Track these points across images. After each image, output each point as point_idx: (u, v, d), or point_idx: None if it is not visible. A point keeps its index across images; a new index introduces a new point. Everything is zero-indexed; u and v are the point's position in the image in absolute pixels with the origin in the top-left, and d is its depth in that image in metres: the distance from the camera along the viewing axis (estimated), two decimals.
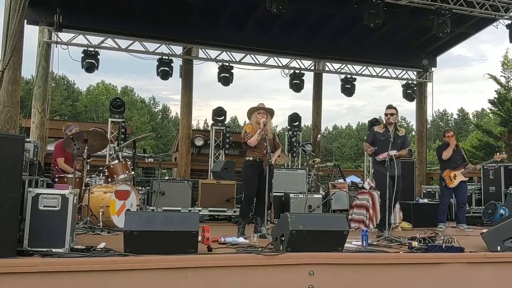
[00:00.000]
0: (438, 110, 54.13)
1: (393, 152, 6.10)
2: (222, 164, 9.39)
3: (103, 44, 10.75)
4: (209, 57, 11.57)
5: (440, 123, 50.54)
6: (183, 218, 4.34)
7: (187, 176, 10.95)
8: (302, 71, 12.11)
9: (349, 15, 10.61)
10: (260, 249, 4.45)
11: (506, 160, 9.04)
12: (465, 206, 8.23)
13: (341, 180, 10.10)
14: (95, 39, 10.68)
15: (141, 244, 4.00)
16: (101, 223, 6.10)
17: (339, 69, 12.53)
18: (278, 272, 4.15)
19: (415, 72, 12.95)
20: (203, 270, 3.98)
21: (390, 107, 6.68)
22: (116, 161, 7.27)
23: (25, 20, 7.97)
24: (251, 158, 5.98)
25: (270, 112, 6.19)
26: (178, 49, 11.39)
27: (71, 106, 43.81)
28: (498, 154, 8.24)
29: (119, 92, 47.83)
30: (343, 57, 12.44)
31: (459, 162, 8.03)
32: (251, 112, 6.16)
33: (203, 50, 11.48)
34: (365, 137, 7.33)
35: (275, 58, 12.04)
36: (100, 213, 6.15)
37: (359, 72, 12.66)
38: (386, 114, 6.64)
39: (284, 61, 12.14)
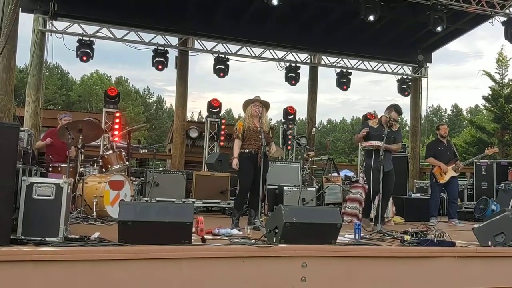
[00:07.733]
0: (432, 105, 54.47)
1: (378, 143, 6.12)
2: (217, 156, 9.39)
3: (98, 34, 10.68)
4: (205, 49, 11.53)
5: (434, 118, 50.71)
6: (177, 209, 4.34)
7: (181, 167, 10.96)
8: (297, 64, 12.12)
9: (346, 9, 10.59)
10: (254, 241, 4.46)
11: (499, 156, 9.07)
12: (456, 201, 8.26)
13: (335, 174, 10.14)
14: (90, 29, 10.62)
15: (135, 234, 4.00)
16: (95, 213, 6.09)
17: (335, 63, 12.55)
18: (271, 264, 4.17)
19: (410, 67, 12.99)
20: (197, 261, 3.99)
21: (399, 112, 6.47)
22: (111, 151, 7.26)
23: (20, 8, 7.89)
24: (246, 150, 5.98)
25: (265, 105, 6.16)
26: (174, 40, 11.35)
27: (64, 95, 43.50)
28: (489, 148, 8.27)
29: (113, 82, 47.52)
30: (339, 51, 12.45)
31: (450, 157, 8.05)
32: (246, 104, 6.15)
33: (199, 41, 11.44)
34: (358, 130, 6.99)
35: (271, 51, 12.02)
36: (94, 203, 6.14)
37: (355, 66, 12.68)
38: (390, 118, 6.40)
39: (280, 54, 12.14)
